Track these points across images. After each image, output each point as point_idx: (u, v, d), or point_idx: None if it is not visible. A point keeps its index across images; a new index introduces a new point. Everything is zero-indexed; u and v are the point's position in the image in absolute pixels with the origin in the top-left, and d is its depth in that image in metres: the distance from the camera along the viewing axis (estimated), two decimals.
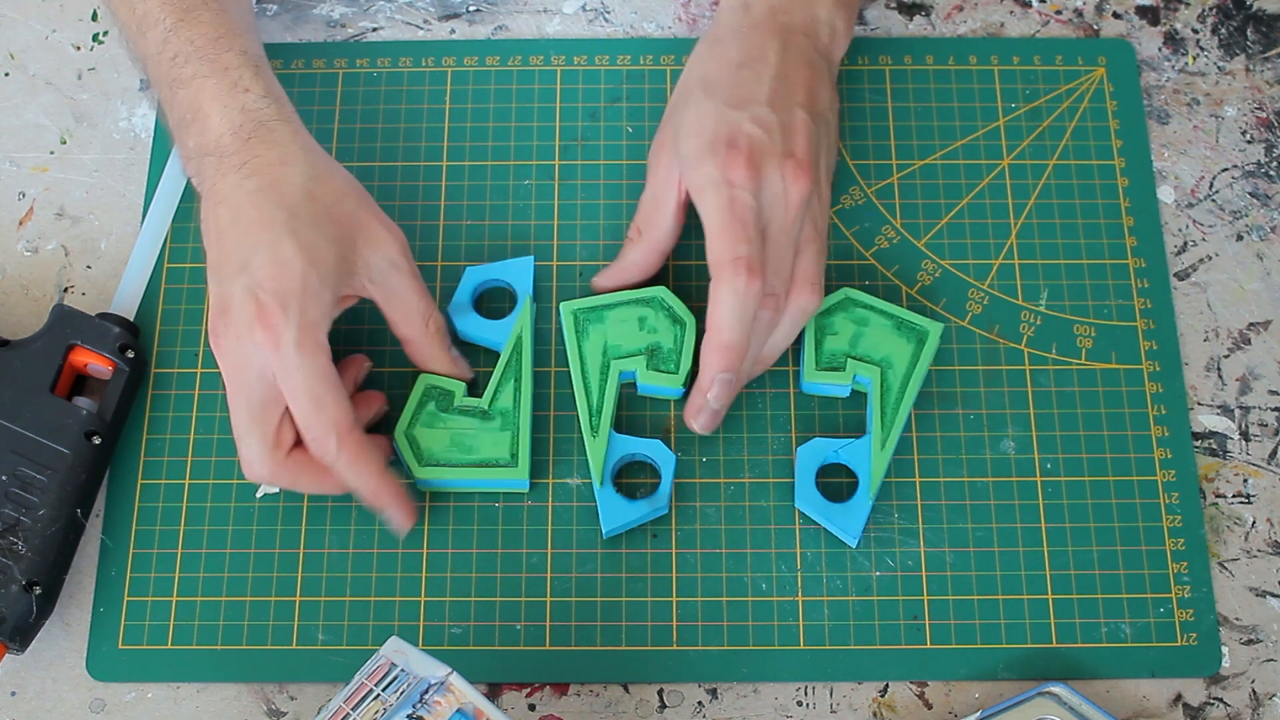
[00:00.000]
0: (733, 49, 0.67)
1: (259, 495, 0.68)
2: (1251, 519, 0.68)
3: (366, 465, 0.62)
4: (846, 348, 0.68)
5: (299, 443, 0.63)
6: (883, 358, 0.68)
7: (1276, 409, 0.70)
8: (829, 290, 0.70)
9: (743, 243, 0.62)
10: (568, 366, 0.69)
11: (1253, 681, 0.65)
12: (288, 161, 0.62)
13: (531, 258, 0.71)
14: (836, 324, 0.68)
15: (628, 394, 0.70)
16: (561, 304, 0.69)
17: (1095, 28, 0.78)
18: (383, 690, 0.56)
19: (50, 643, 0.66)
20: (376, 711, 0.56)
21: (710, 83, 0.66)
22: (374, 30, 0.78)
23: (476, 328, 0.69)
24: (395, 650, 0.58)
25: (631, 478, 0.68)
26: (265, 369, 0.61)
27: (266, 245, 0.60)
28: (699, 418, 0.66)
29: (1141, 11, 0.79)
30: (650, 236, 0.68)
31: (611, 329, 0.68)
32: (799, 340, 0.70)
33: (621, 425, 0.69)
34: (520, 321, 0.69)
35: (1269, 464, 0.69)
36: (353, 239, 0.63)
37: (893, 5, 0.79)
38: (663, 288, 0.69)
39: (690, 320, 0.68)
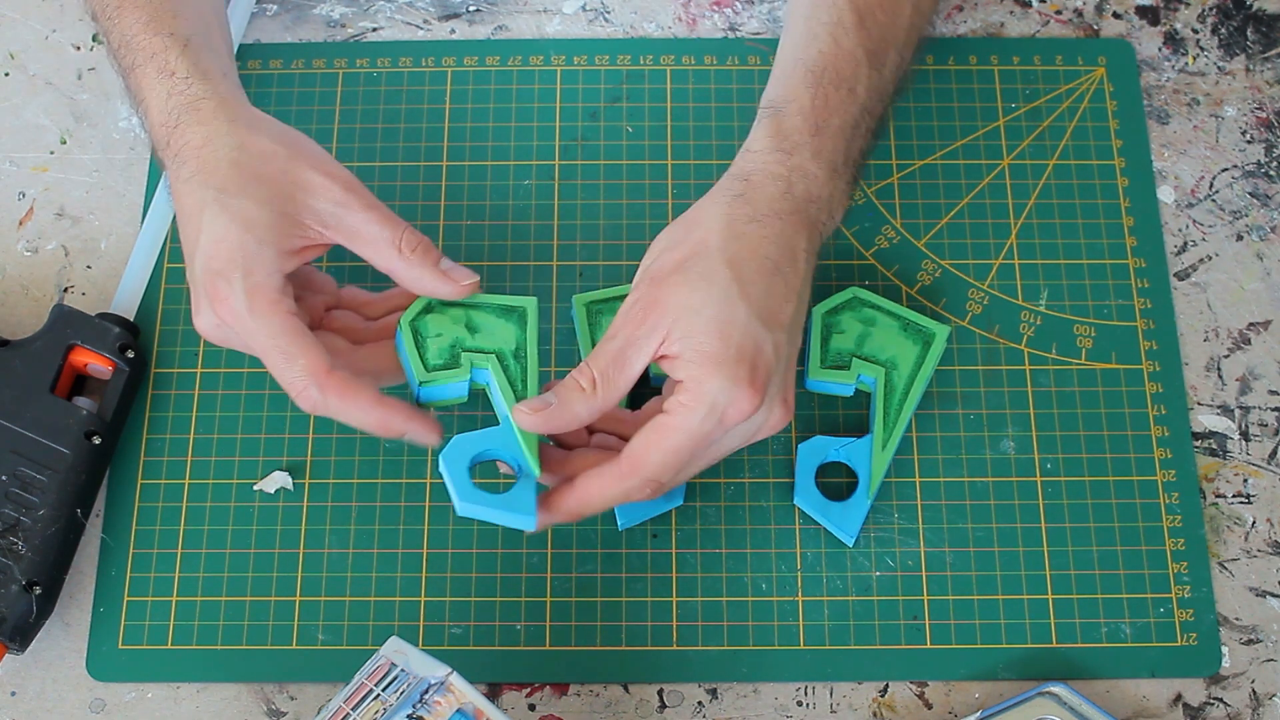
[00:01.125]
0: (769, 240, 0.61)
1: (256, 488, 0.68)
2: (1251, 519, 0.68)
3: (358, 399, 0.60)
4: (852, 347, 0.68)
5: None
6: (888, 358, 0.68)
7: (1276, 409, 0.70)
8: (833, 291, 0.70)
9: (670, 472, 0.59)
10: (574, 366, 0.69)
11: (1253, 681, 0.65)
12: (211, 140, 0.62)
13: (532, 300, 0.65)
14: (843, 323, 0.68)
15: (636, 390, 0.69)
16: (574, 297, 0.68)
17: (1095, 28, 0.78)
18: (383, 690, 0.56)
19: (50, 643, 0.66)
20: (376, 711, 0.56)
21: (743, 275, 0.59)
22: (374, 30, 0.78)
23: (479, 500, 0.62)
24: (395, 650, 0.58)
25: None
26: (239, 338, 0.61)
27: (205, 225, 0.61)
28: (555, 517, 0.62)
29: (1141, 11, 0.79)
30: (606, 395, 0.60)
31: None
32: (805, 339, 0.70)
33: None
34: (529, 326, 0.65)
35: (1269, 464, 0.69)
36: (289, 193, 0.61)
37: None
38: None
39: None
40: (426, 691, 0.56)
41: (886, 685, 0.65)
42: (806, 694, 0.65)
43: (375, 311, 0.66)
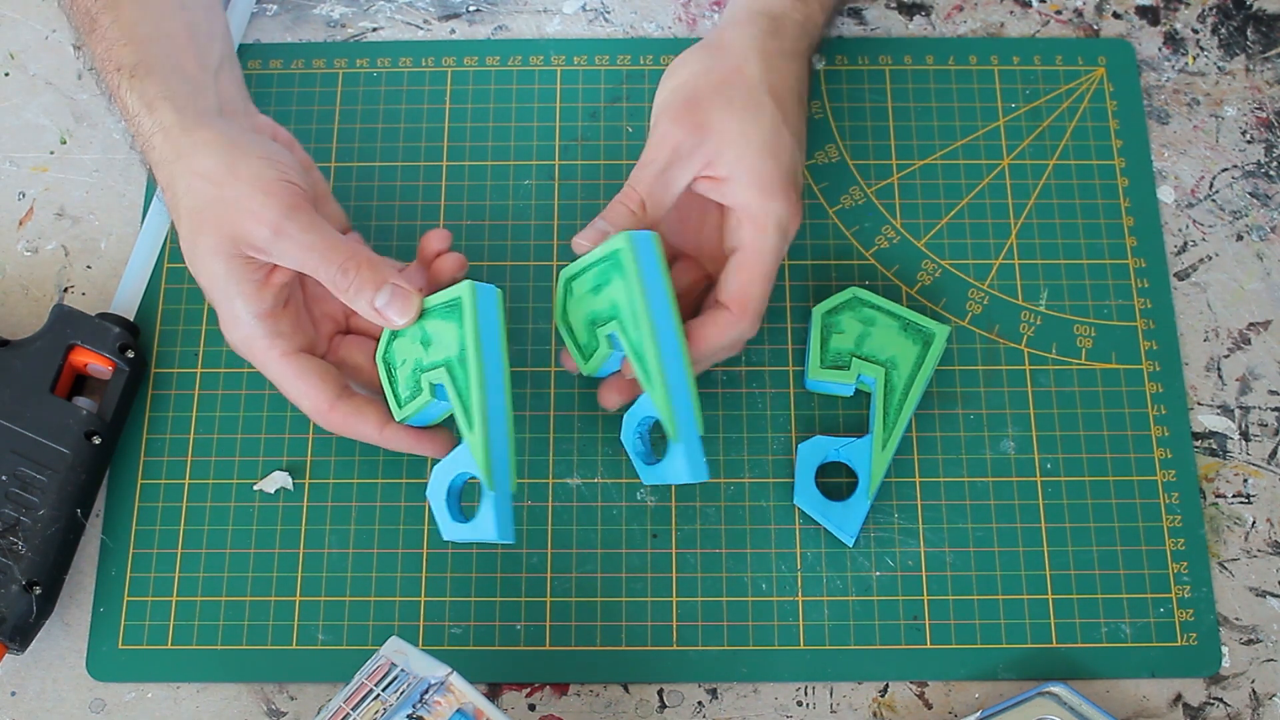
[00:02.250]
0: (795, 75, 0.67)
1: (256, 488, 0.68)
2: (1251, 519, 0.68)
3: (361, 429, 0.63)
4: (852, 347, 0.68)
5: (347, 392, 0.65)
6: (888, 358, 0.68)
7: (1276, 409, 0.70)
8: (834, 291, 0.70)
9: (766, 298, 0.64)
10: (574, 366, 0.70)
11: (1253, 681, 0.65)
12: (169, 185, 0.63)
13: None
14: (843, 323, 0.68)
15: None
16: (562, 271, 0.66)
17: (1095, 28, 0.78)
18: (383, 690, 0.56)
19: (50, 643, 0.66)
20: (376, 711, 0.56)
21: (783, 102, 0.65)
22: (374, 30, 0.78)
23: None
24: (395, 650, 0.58)
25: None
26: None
27: (201, 281, 0.64)
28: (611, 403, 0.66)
29: (1141, 11, 0.79)
30: (653, 213, 0.64)
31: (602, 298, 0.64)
32: (804, 339, 0.70)
33: None
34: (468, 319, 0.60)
35: (1269, 464, 0.69)
36: (229, 233, 0.61)
37: (893, 5, 0.79)
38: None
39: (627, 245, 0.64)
40: (426, 691, 0.56)
41: (886, 685, 0.65)
42: (806, 694, 0.65)
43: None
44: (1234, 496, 0.69)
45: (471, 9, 0.79)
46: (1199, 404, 0.70)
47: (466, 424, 0.60)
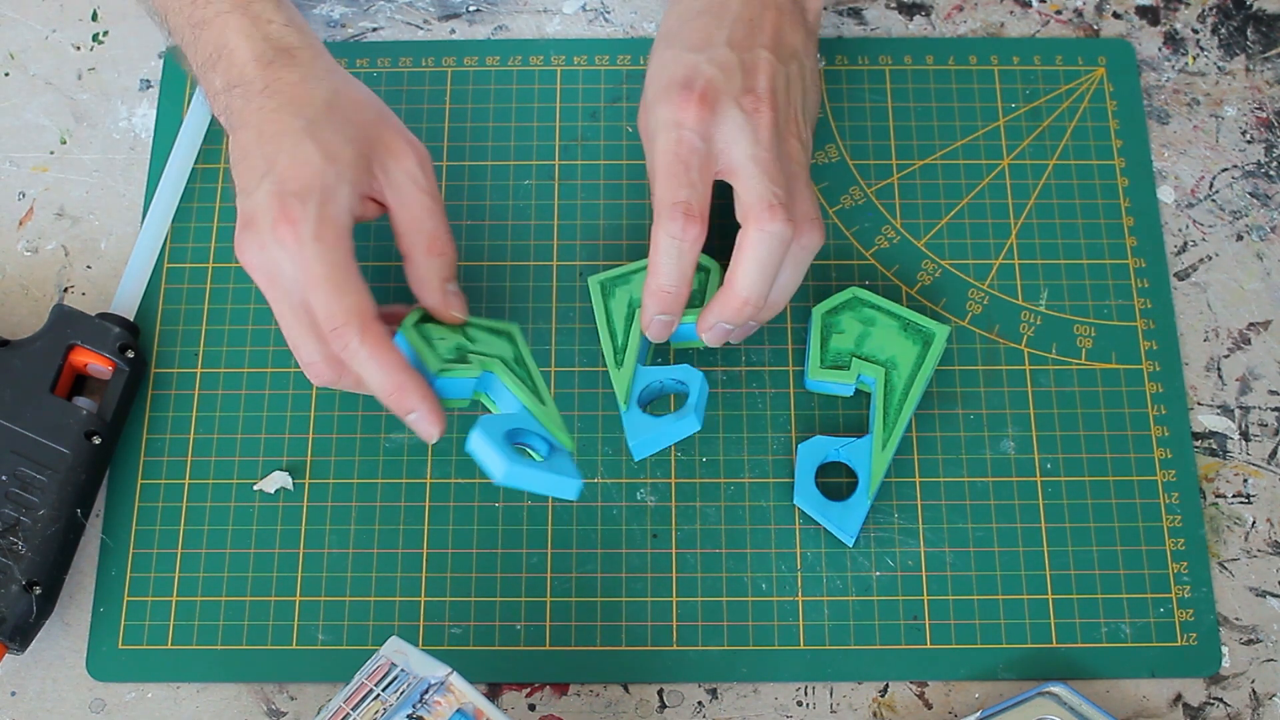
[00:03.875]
0: (696, 2, 0.66)
1: (256, 488, 0.68)
2: (1251, 519, 0.68)
3: (389, 358, 0.60)
4: (852, 347, 0.68)
5: None
6: (888, 358, 0.68)
7: (1276, 409, 0.70)
8: (833, 291, 0.70)
9: (684, 186, 0.61)
10: (573, 366, 0.70)
11: (1253, 681, 0.65)
12: (308, 79, 0.63)
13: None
14: (843, 323, 0.68)
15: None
16: (589, 278, 0.69)
17: (1095, 28, 0.78)
18: (383, 690, 0.56)
19: (50, 643, 0.66)
20: (376, 711, 0.56)
21: (670, 35, 0.66)
22: (374, 30, 0.78)
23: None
24: (395, 650, 0.58)
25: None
26: (293, 266, 0.60)
27: (286, 149, 0.61)
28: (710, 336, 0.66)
29: (1141, 11, 0.79)
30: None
31: (637, 287, 0.68)
32: (804, 339, 0.70)
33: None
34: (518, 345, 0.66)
35: (1269, 464, 0.69)
36: (372, 143, 0.63)
37: (893, 5, 0.79)
38: None
39: (714, 267, 0.68)
40: (426, 691, 0.56)
41: (886, 685, 0.65)
42: (806, 694, 0.65)
43: None
44: (1234, 496, 0.69)
45: (471, 9, 0.79)
46: (1199, 404, 0.70)
47: (537, 401, 0.63)
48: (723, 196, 0.64)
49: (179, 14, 0.67)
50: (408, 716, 0.55)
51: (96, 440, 0.67)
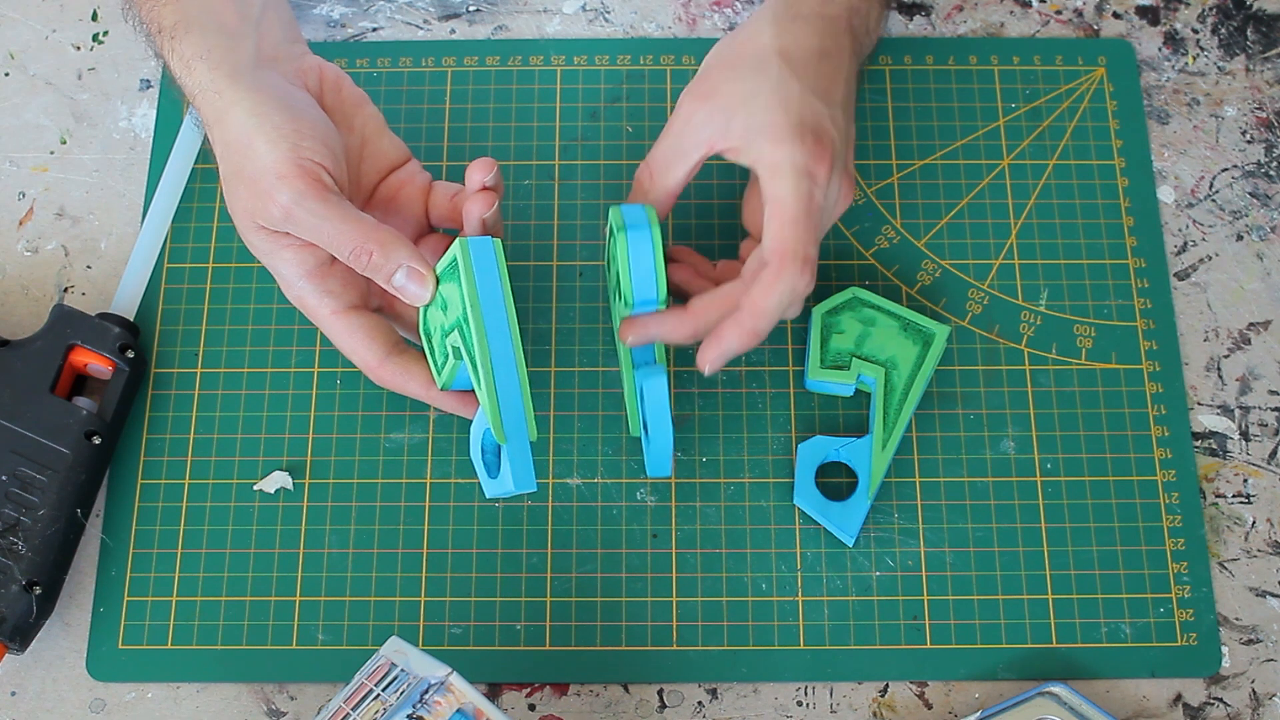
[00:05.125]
0: (814, 34, 0.66)
1: (256, 488, 0.68)
2: (1251, 519, 0.68)
3: (412, 386, 0.64)
4: (852, 347, 0.68)
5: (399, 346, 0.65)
6: (888, 358, 0.68)
7: (1276, 409, 0.70)
8: (834, 291, 0.70)
9: (813, 243, 0.62)
10: (573, 366, 0.70)
11: (1253, 681, 0.65)
12: (214, 150, 0.64)
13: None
14: (843, 323, 0.68)
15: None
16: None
17: (1095, 28, 0.78)
18: (383, 690, 0.56)
19: (50, 643, 0.66)
20: (376, 711, 0.56)
21: (794, 60, 0.64)
22: (374, 30, 0.78)
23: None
24: (395, 650, 0.58)
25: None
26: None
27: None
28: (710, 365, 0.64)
29: (1141, 11, 0.79)
30: (663, 185, 0.66)
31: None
32: (804, 339, 0.70)
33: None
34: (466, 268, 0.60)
35: (1269, 464, 0.69)
36: (252, 210, 0.62)
37: (893, 5, 0.79)
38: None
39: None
40: (426, 691, 0.56)
41: (886, 685, 0.65)
42: (806, 694, 0.65)
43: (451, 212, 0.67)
44: (1234, 496, 0.69)
45: (471, 9, 0.79)
46: (1199, 404, 0.70)
47: (475, 379, 0.59)
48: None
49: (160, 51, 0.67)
50: (408, 716, 0.55)
51: (96, 440, 0.67)
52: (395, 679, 0.57)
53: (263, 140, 0.61)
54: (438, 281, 0.62)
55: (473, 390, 0.63)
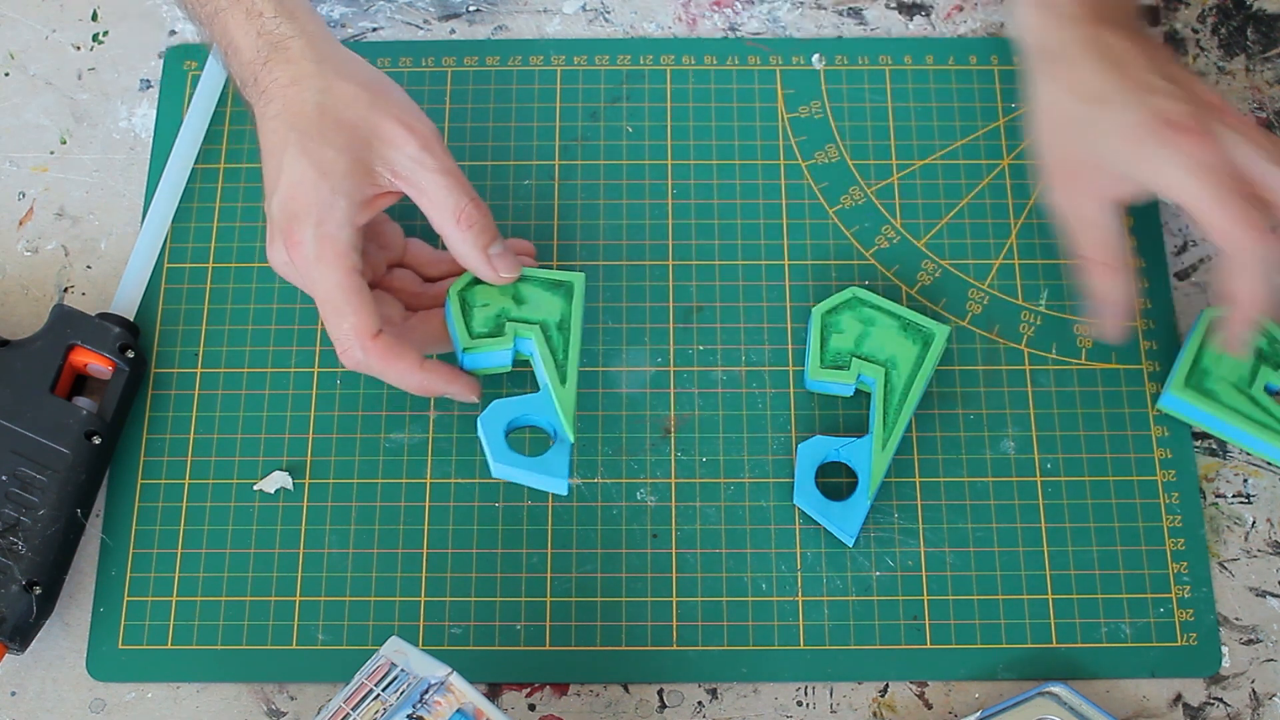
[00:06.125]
0: (1088, 61, 0.65)
1: (256, 488, 0.68)
2: (1251, 519, 0.68)
3: (400, 363, 0.63)
4: (851, 347, 0.68)
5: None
6: (888, 358, 0.68)
7: None
8: (833, 291, 0.70)
9: (1234, 204, 0.60)
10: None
11: (1253, 681, 0.65)
12: (298, 80, 0.64)
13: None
14: (842, 323, 0.68)
15: (629, 394, 0.70)
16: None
17: None
18: (383, 690, 0.56)
19: (50, 643, 0.66)
20: (376, 711, 0.56)
21: (1096, 95, 0.64)
22: (374, 30, 0.78)
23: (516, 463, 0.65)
24: (395, 650, 0.58)
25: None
26: (303, 283, 0.64)
27: (285, 166, 0.63)
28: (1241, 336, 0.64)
29: (1141, 11, 0.79)
30: (1119, 261, 0.65)
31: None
32: (804, 339, 0.70)
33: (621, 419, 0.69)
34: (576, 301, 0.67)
35: (1269, 464, 0.69)
36: (367, 141, 0.63)
37: (893, 5, 0.79)
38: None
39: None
40: (426, 691, 0.56)
41: (886, 685, 0.65)
42: (806, 694, 0.65)
43: (435, 271, 0.69)
44: (1234, 496, 0.69)
45: (471, 9, 0.79)
46: None
47: (559, 379, 0.65)
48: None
49: (194, 7, 0.68)
50: (408, 716, 0.55)
51: (96, 440, 0.67)
52: (395, 679, 0.57)
53: (394, 89, 0.66)
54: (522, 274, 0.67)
55: (470, 371, 0.66)
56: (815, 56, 0.77)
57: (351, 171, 0.62)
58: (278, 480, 0.68)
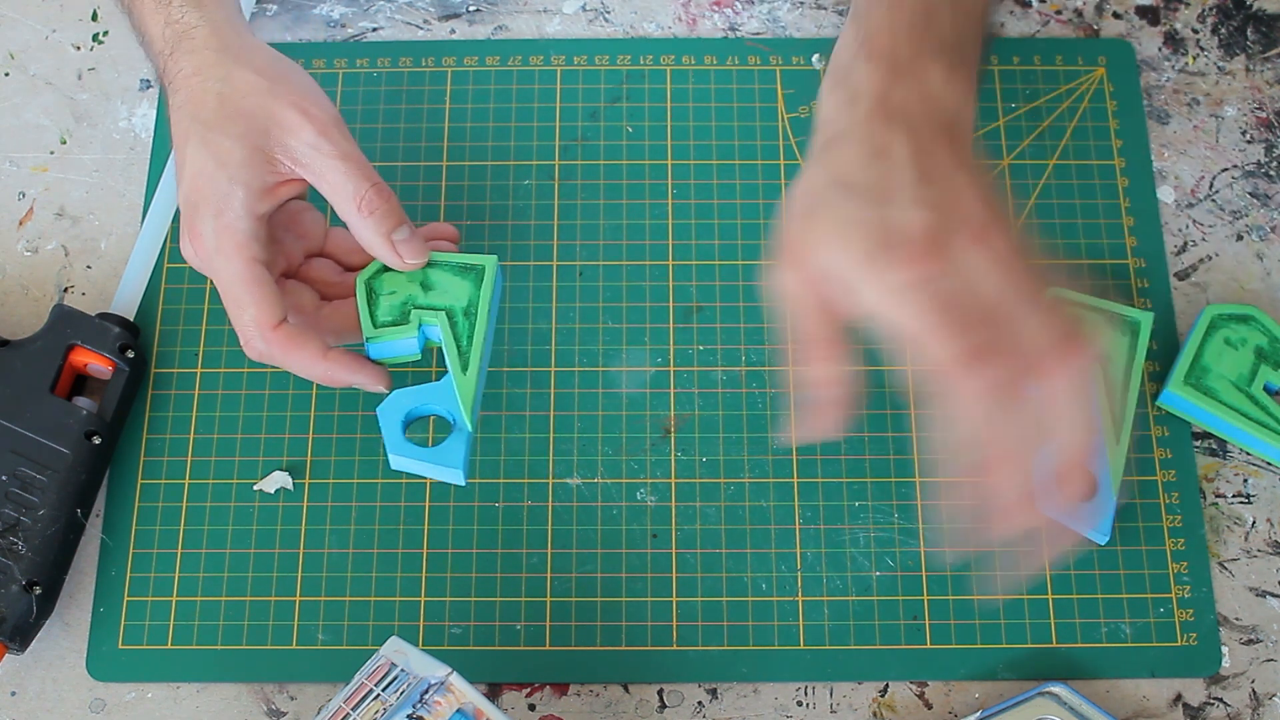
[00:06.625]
0: (853, 145, 0.56)
1: (256, 488, 0.68)
2: (1251, 519, 0.68)
3: (301, 353, 0.62)
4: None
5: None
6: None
7: None
8: None
9: (960, 335, 0.52)
10: (572, 366, 0.70)
11: (1253, 681, 0.65)
12: (200, 70, 0.63)
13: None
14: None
15: (629, 394, 0.70)
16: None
17: (1095, 28, 0.78)
18: (383, 690, 0.56)
19: (50, 643, 0.66)
20: (376, 711, 0.56)
21: (845, 183, 0.55)
22: (374, 30, 0.78)
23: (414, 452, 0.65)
24: (395, 650, 0.58)
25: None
26: (207, 274, 0.64)
27: (188, 158, 0.63)
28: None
29: (1141, 11, 0.79)
30: (838, 345, 0.56)
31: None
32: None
33: (622, 419, 0.69)
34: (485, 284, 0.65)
35: (1269, 464, 0.69)
36: (265, 129, 0.62)
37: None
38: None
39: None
40: (426, 691, 0.56)
41: (886, 685, 0.65)
42: (806, 694, 0.65)
43: (356, 260, 0.67)
44: (1234, 496, 0.69)
45: (471, 9, 0.79)
46: None
47: (460, 367, 0.64)
48: None
49: None
50: (408, 716, 0.55)
51: (96, 440, 0.67)
52: (395, 679, 0.57)
53: (296, 73, 0.64)
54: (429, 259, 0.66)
55: (376, 361, 0.65)
56: (815, 56, 0.77)
57: (249, 160, 0.62)
58: (278, 480, 0.68)
